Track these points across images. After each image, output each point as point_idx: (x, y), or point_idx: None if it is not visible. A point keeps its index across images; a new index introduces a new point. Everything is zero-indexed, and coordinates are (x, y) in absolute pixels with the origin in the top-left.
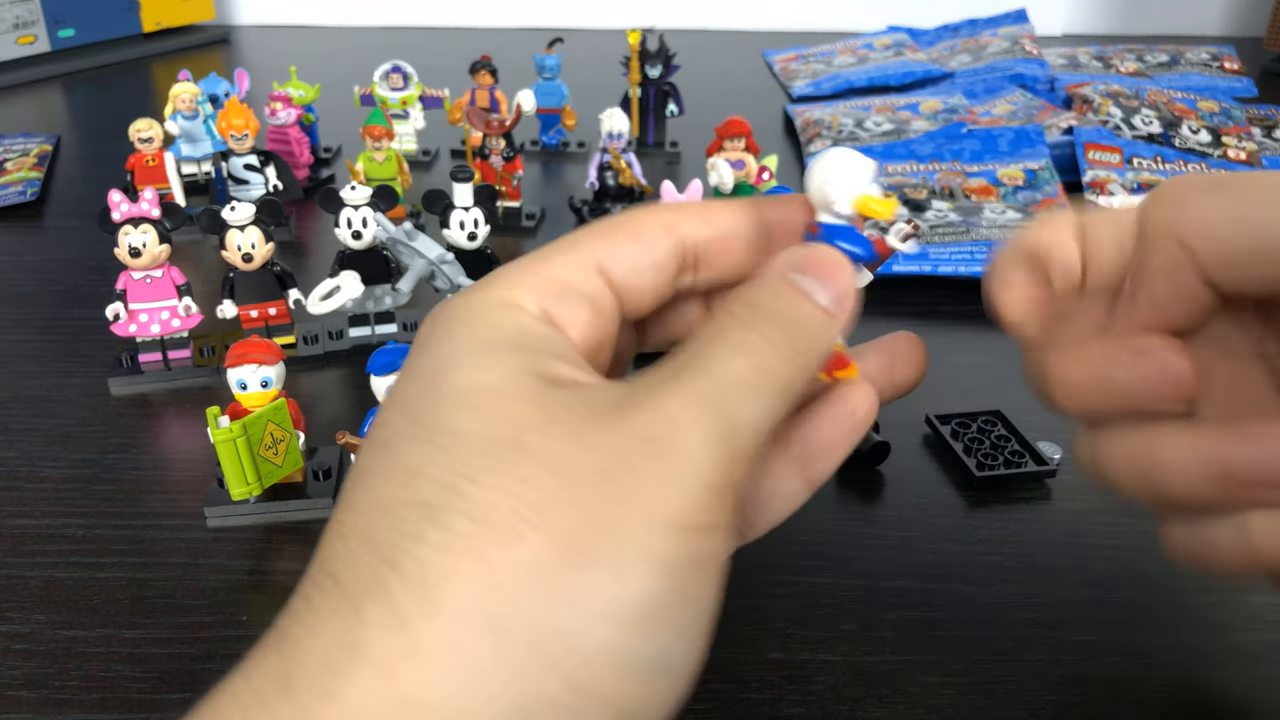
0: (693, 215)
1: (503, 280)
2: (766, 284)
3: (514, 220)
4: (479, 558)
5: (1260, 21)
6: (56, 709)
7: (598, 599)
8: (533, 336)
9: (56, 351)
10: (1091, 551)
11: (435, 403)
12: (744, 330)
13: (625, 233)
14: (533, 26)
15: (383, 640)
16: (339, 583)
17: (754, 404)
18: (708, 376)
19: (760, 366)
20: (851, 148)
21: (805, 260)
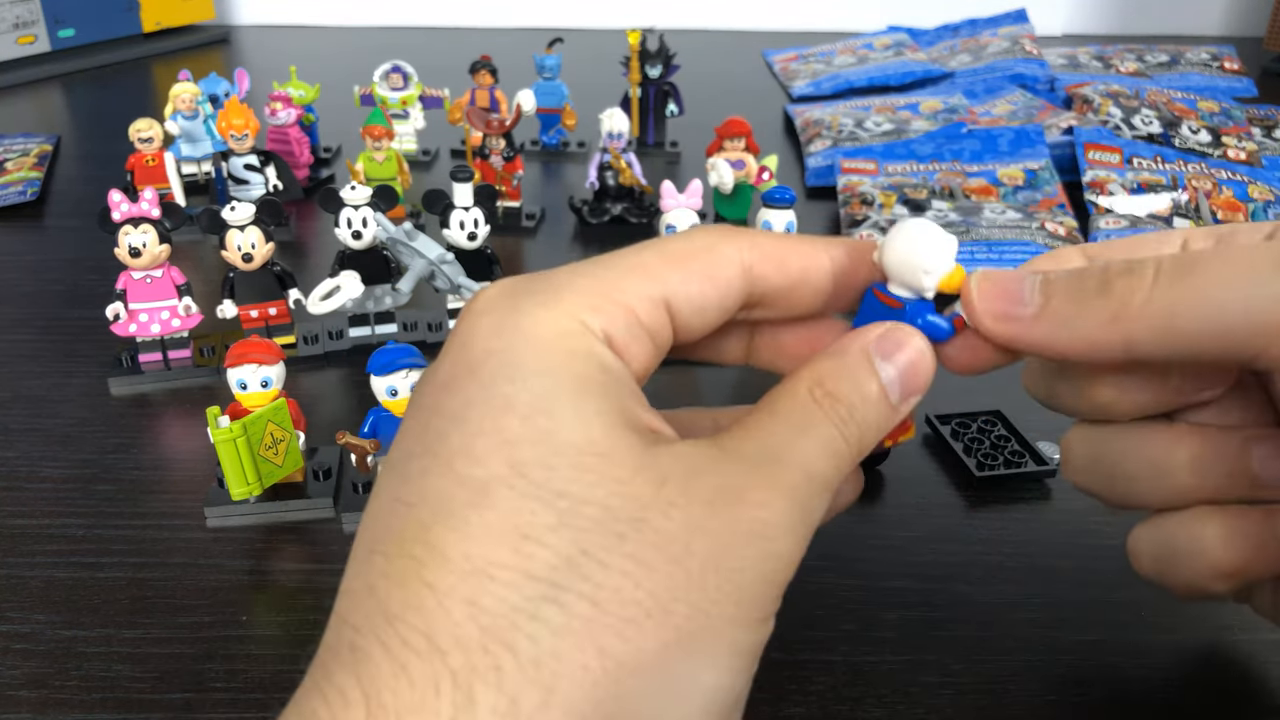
0: (770, 259)
1: (571, 297)
2: (850, 367)
3: (514, 220)
4: (597, 645)
5: (1260, 21)
6: (56, 709)
7: (699, 692)
8: (614, 376)
9: (56, 351)
10: (1091, 551)
11: (543, 454)
12: (827, 426)
13: (702, 268)
14: (533, 26)
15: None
16: (440, 652)
17: (825, 501)
18: (802, 474)
19: (838, 466)
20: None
21: (895, 349)
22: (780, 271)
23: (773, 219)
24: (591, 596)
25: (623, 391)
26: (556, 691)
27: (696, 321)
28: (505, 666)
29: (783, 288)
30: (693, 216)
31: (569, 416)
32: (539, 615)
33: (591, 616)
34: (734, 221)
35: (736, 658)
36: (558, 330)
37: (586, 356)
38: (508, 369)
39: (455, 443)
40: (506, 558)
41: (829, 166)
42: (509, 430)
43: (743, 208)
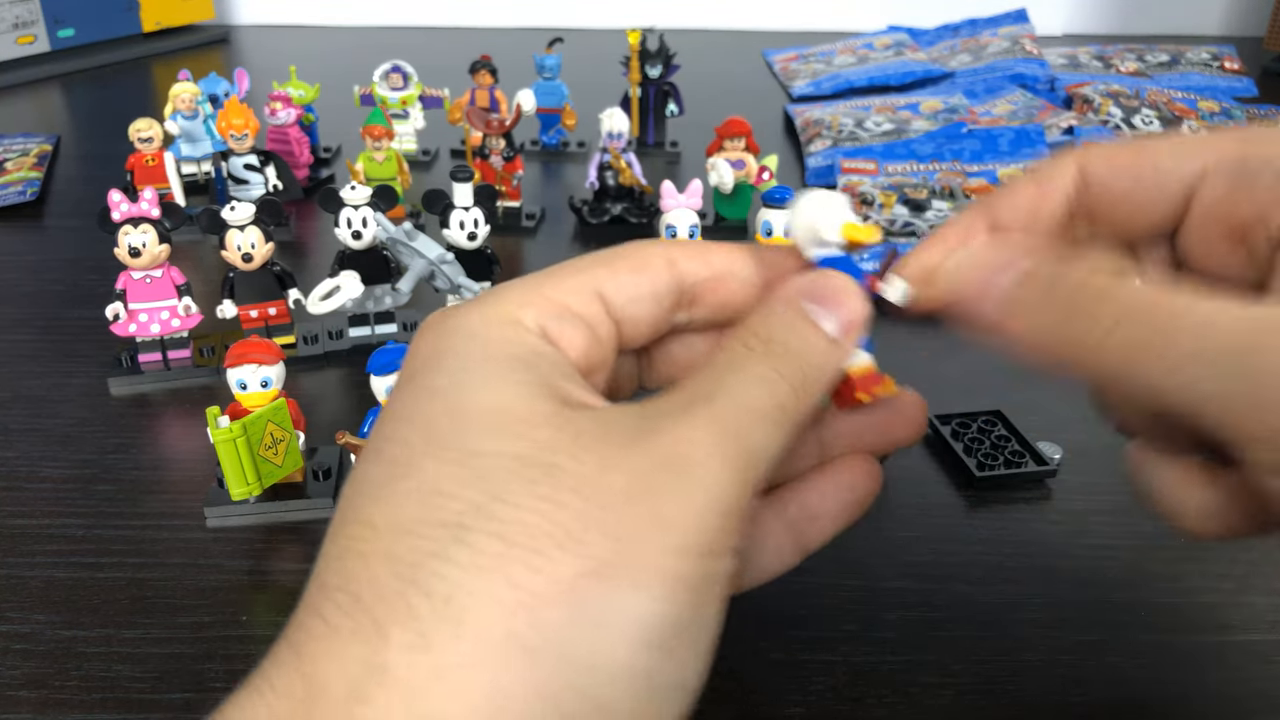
0: (692, 253)
1: (505, 298)
2: (777, 313)
3: (514, 220)
4: (507, 579)
5: (1260, 21)
6: (56, 709)
7: (623, 620)
8: (542, 356)
9: (56, 351)
10: (1091, 551)
11: (458, 423)
12: (758, 363)
13: (627, 263)
14: (533, 26)
15: (408, 662)
16: (360, 603)
17: (767, 433)
18: (727, 405)
19: (774, 398)
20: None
21: (814, 287)
22: (705, 265)
23: (773, 219)
24: (499, 533)
25: (551, 368)
26: (466, 624)
27: (633, 310)
28: (418, 606)
29: (710, 277)
30: (693, 216)
31: (486, 388)
32: (450, 557)
33: (500, 552)
34: (734, 221)
35: (669, 586)
36: (485, 322)
37: (514, 341)
38: (437, 363)
39: (387, 433)
40: (423, 514)
41: (829, 166)
42: (430, 412)
43: (743, 208)
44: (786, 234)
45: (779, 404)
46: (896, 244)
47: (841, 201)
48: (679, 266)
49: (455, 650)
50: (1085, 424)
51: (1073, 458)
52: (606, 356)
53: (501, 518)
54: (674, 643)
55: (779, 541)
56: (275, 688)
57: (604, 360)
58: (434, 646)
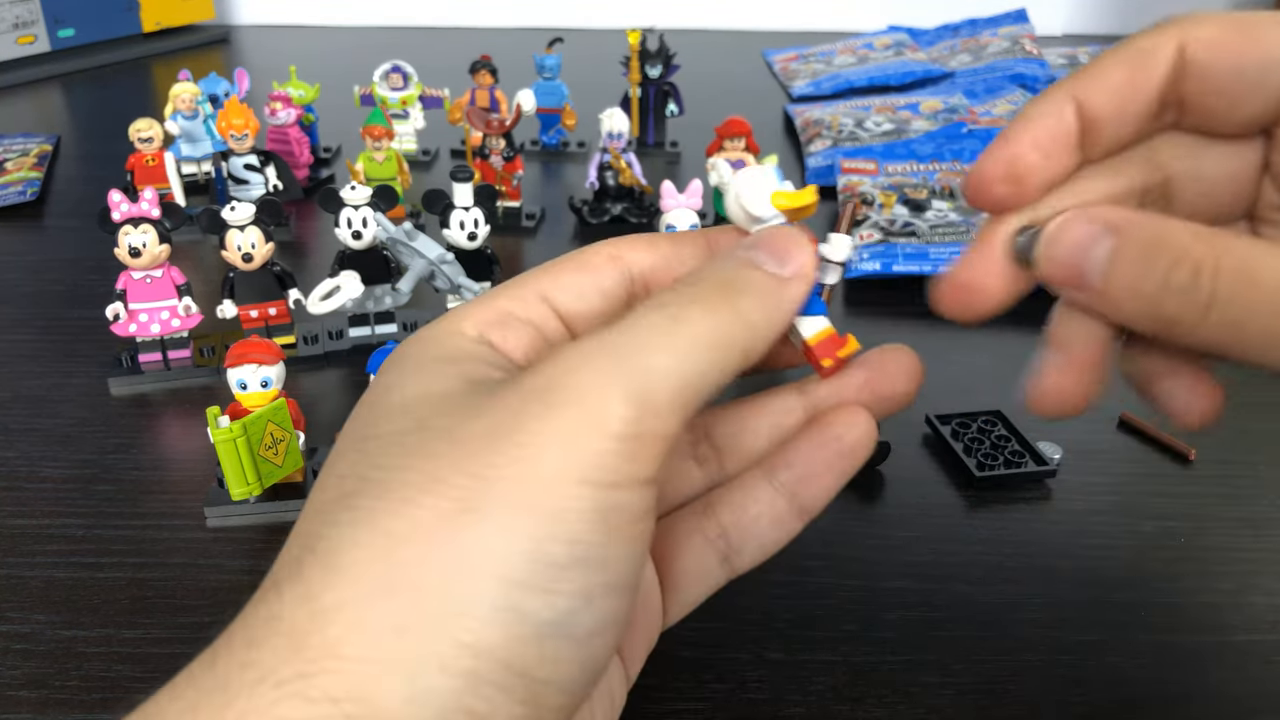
0: (637, 245)
1: (450, 315)
2: (716, 258)
3: (514, 220)
4: (375, 527)
5: None
6: (56, 709)
7: (486, 558)
8: (469, 353)
9: (56, 351)
10: (1091, 551)
11: (370, 418)
12: (674, 295)
13: (570, 265)
14: (533, 26)
15: (293, 610)
16: (273, 578)
17: (671, 353)
18: (618, 333)
19: (683, 319)
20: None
21: (756, 239)
22: (651, 253)
23: None
24: (375, 493)
25: (475, 361)
26: (338, 570)
27: (582, 307)
28: (306, 563)
29: (658, 266)
30: (692, 216)
31: (402, 385)
32: (335, 520)
33: (374, 507)
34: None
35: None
36: (425, 337)
37: (444, 346)
38: (380, 377)
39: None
40: (326, 495)
41: (829, 166)
42: (357, 415)
43: None
44: None
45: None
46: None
47: (768, 171)
48: (624, 259)
49: (331, 594)
50: (1085, 424)
51: (1073, 458)
52: None
53: (376, 479)
54: (547, 579)
55: (776, 510)
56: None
57: None
58: (314, 594)
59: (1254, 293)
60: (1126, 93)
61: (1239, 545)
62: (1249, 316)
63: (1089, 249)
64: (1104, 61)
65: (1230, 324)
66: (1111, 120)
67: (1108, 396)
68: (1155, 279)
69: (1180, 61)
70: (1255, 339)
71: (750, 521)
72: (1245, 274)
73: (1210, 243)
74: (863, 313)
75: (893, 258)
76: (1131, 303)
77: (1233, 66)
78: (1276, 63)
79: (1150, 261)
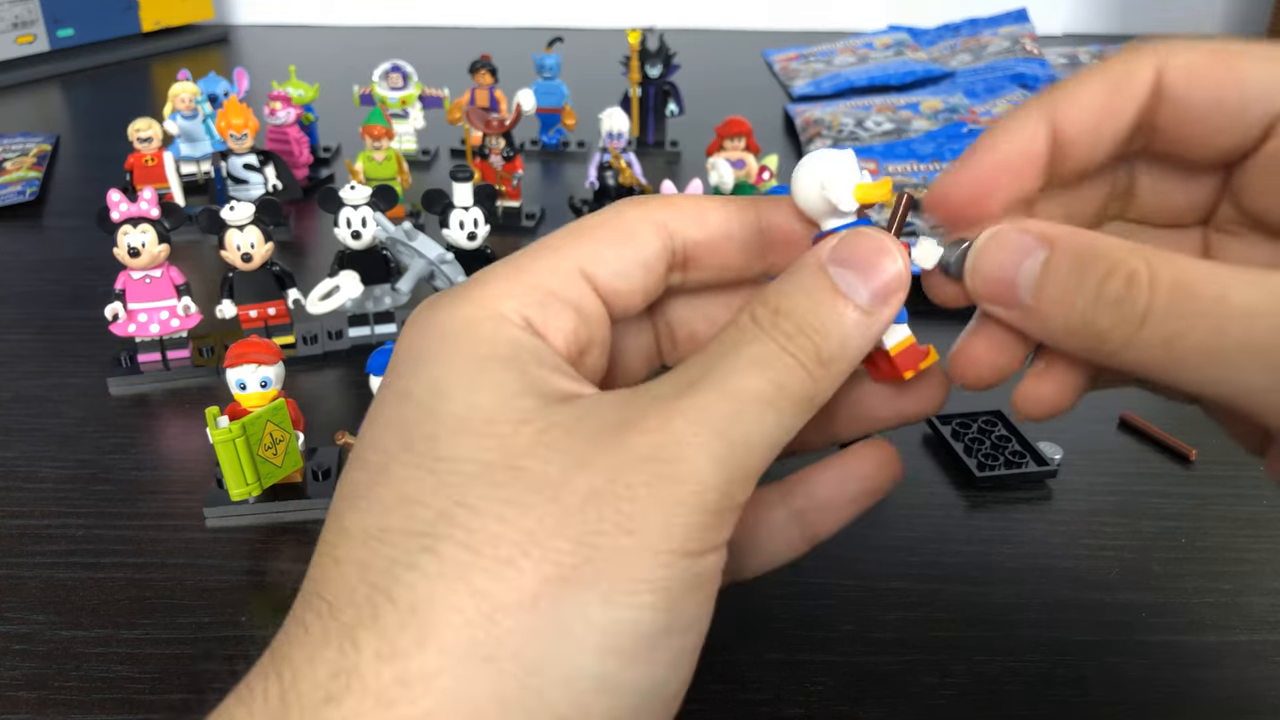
0: (685, 213)
1: (484, 289)
2: (800, 281)
3: (514, 220)
4: (472, 588)
5: (1260, 21)
6: (56, 709)
7: (590, 630)
8: (524, 349)
9: (56, 351)
10: (1091, 551)
11: (432, 429)
12: (764, 342)
13: (611, 233)
14: (533, 26)
15: (377, 670)
16: (333, 609)
17: (766, 422)
18: (717, 394)
19: (777, 382)
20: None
21: (844, 249)
22: (699, 226)
23: None
24: (465, 542)
25: (532, 362)
26: (431, 633)
27: (623, 284)
28: (384, 613)
29: (705, 242)
30: None
31: (458, 391)
32: (416, 565)
33: (466, 560)
34: None
35: (640, 593)
36: (465, 319)
37: (492, 339)
38: (413, 365)
39: (367, 439)
40: (394, 522)
41: None
42: (405, 417)
43: None
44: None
45: (780, 386)
46: (904, 187)
47: (848, 158)
48: (669, 229)
49: (420, 659)
50: (1086, 424)
51: (1073, 458)
52: (596, 334)
53: (467, 525)
54: (646, 649)
55: (787, 532)
56: (254, 692)
57: (593, 339)
58: (400, 654)
59: (1192, 304)
60: (1103, 115)
61: (1239, 545)
62: (1186, 331)
63: (1020, 262)
64: (1080, 82)
65: (1164, 340)
66: (1084, 142)
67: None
68: (1088, 291)
69: (1158, 87)
70: (1190, 356)
71: (759, 543)
72: (1183, 286)
73: (1147, 255)
74: None
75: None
76: (1062, 317)
77: (1211, 97)
78: (1255, 96)
79: (1084, 273)
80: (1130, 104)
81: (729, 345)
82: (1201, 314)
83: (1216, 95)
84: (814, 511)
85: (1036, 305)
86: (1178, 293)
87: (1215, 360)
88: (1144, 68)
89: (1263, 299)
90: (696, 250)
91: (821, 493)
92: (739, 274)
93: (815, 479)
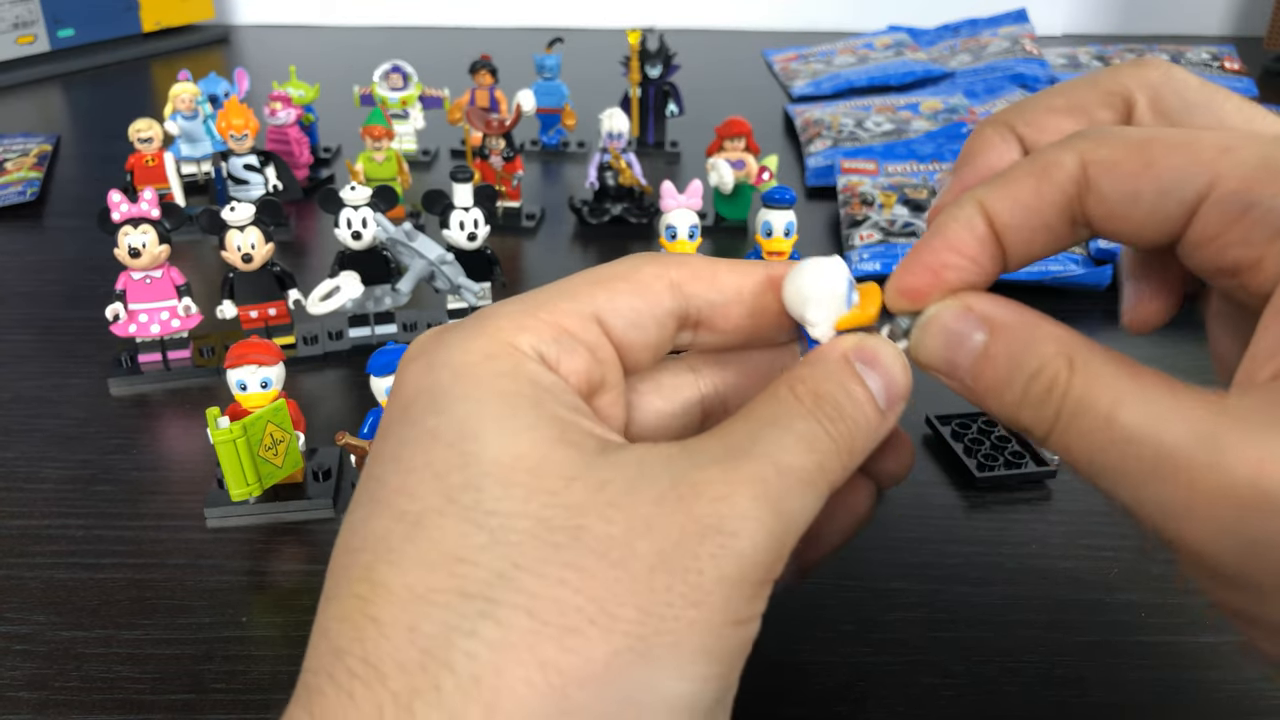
0: (699, 274)
1: (496, 321)
2: (832, 371)
3: (514, 220)
4: (539, 658)
5: (1260, 21)
6: (56, 709)
7: (659, 699)
8: (543, 389)
9: (56, 352)
10: (1091, 551)
11: (471, 477)
12: (808, 420)
13: (628, 284)
14: (533, 26)
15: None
16: (379, 673)
17: (808, 499)
18: (769, 464)
19: (820, 463)
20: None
21: (863, 349)
22: (712, 287)
23: (773, 219)
24: (527, 608)
25: (557, 403)
26: (498, 708)
27: (636, 336)
28: (444, 685)
29: (718, 303)
30: (692, 216)
31: (494, 436)
32: (475, 632)
33: (531, 628)
34: (734, 222)
35: (705, 664)
36: (483, 354)
37: (514, 375)
38: (434, 402)
39: (393, 483)
40: (442, 581)
41: (829, 166)
42: (438, 461)
43: (743, 208)
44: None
45: (821, 466)
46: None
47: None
48: (684, 290)
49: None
50: None
51: None
52: (610, 377)
53: (528, 590)
54: (711, 716)
55: None
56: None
57: (606, 382)
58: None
59: (1084, 421)
60: (1032, 206)
61: None
62: (1075, 443)
63: (960, 344)
64: (1012, 174)
65: (1063, 449)
66: (1020, 231)
67: None
68: (1017, 387)
69: (1083, 179)
70: (1079, 466)
71: None
72: (1083, 401)
73: (1072, 354)
74: None
75: (893, 258)
76: (995, 405)
77: (1129, 191)
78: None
79: (1015, 368)
80: (1057, 196)
81: (775, 417)
82: (1090, 431)
83: (1133, 189)
84: (804, 543)
85: (974, 386)
86: (1078, 406)
87: (1099, 475)
88: (1069, 159)
89: (1143, 423)
90: (709, 312)
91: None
92: (747, 340)
93: None
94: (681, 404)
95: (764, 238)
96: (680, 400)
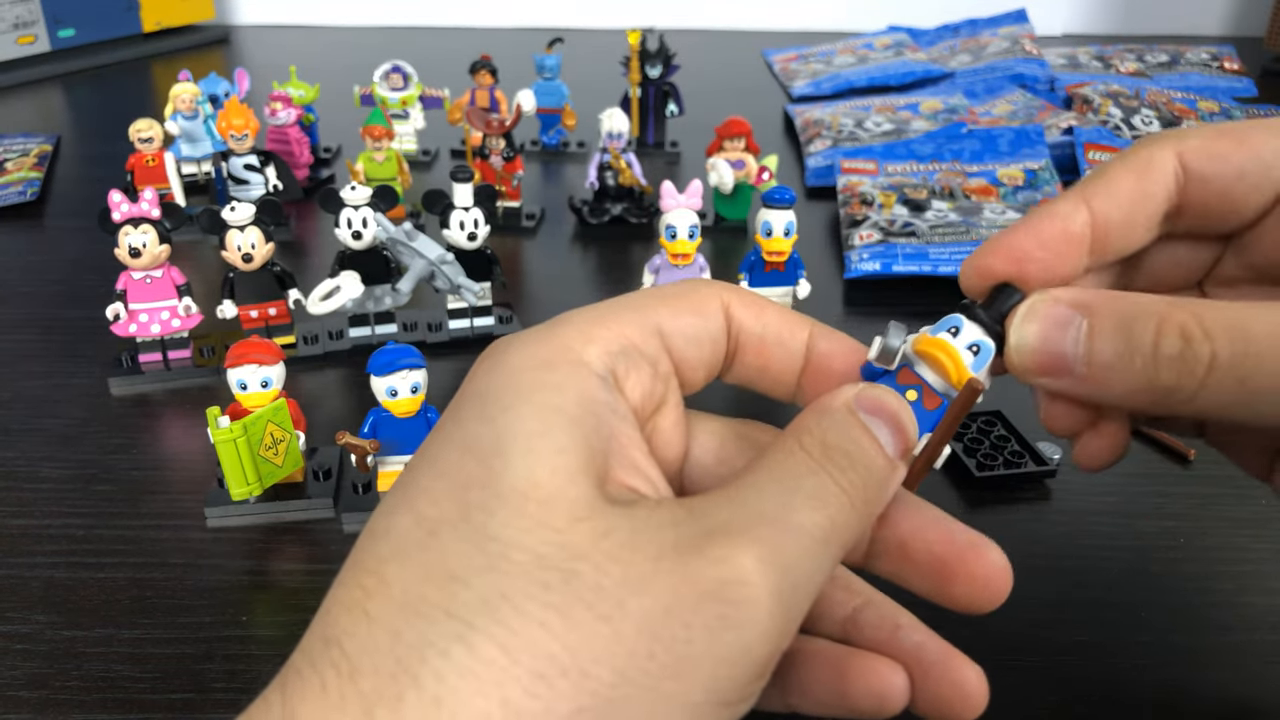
0: (748, 309)
1: (567, 329)
2: (838, 421)
3: (514, 220)
4: (501, 694)
5: (1260, 21)
6: (56, 709)
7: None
8: (596, 414)
9: (57, 351)
10: (1091, 551)
11: (487, 498)
12: (819, 475)
13: (687, 303)
14: (533, 26)
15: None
16: (356, 671)
17: (821, 561)
18: (781, 529)
19: (834, 521)
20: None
21: (875, 403)
22: (758, 322)
23: (772, 219)
24: (502, 642)
25: (597, 427)
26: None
27: (693, 353)
28: (408, 698)
29: (758, 338)
30: (692, 217)
31: (520, 457)
32: (448, 653)
33: (501, 664)
34: (734, 222)
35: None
36: (540, 361)
37: (562, 388)
38: (483, 408)
39: (423, 484)
40: (434, 595)
41: (829, 166)
42: (465, 472)
43: (743, 208)
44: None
45: (833, 521)
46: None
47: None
48: (734, 314)
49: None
50: None
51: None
52: (669, 395)
53: (508, 624)
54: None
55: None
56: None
57: (666, 400)
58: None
59: (1253, 344)
60: (1136, 201)
61: (1238, 545)
62: (1254, 372)
63: (1063, 333)
64: (1110, 170)
65: (1237, 380)
66: (1120, 226)
67: None
68: (1144, 350)
69: (1181, 169)
70: (1264, 389)
71: None
72: (1239, 329)
73: (1187, 307)
74: (861, 313)
75: (892, 258)
76: (1121, 380)
77: (1235, 169)
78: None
79: (1133, 334)
80: (1160, 189)
81: (783, 474)
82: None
83: (1239, 167)
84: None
85: (1090, 372)
86: (1237, 336)
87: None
88: (1165, 153)
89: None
90: (747, 342)
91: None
92: (773, 381)
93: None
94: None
95: (764, 237)
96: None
